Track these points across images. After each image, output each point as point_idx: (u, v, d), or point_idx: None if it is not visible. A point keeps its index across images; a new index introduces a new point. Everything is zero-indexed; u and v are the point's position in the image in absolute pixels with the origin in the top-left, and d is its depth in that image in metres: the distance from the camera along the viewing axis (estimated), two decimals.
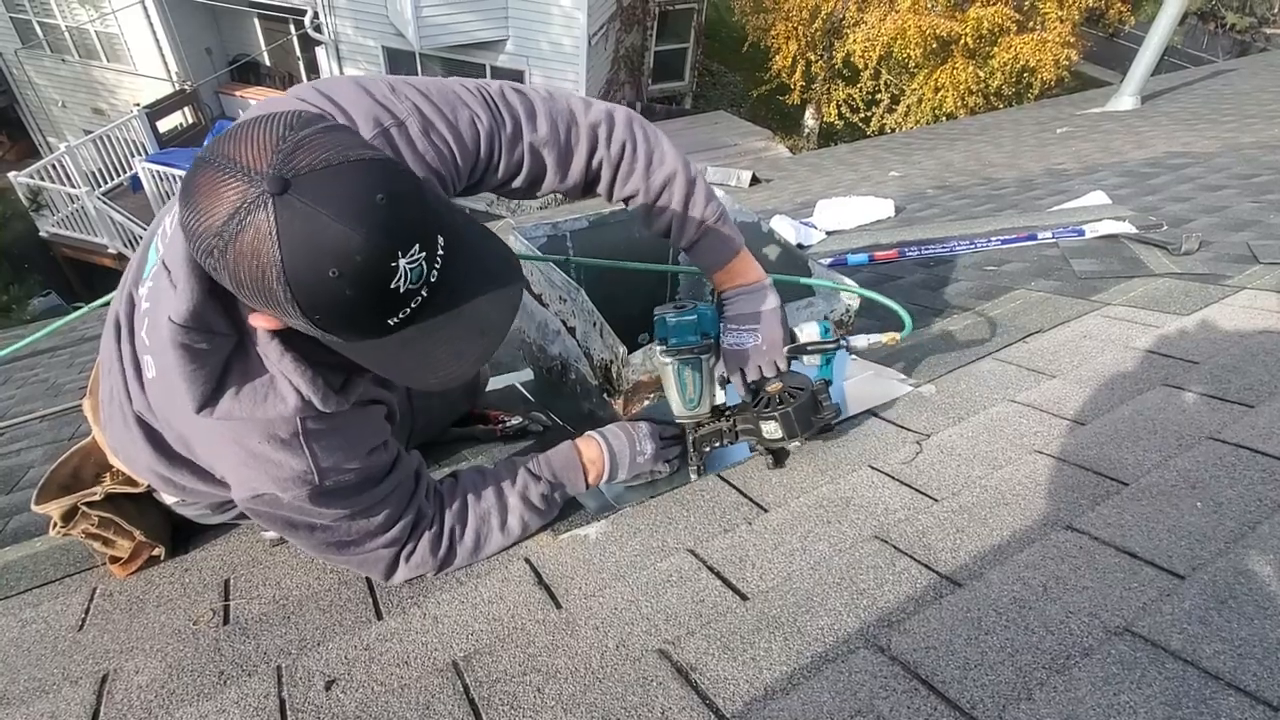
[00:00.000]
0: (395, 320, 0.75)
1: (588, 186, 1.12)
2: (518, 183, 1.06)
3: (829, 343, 1.24)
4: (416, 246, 0.71)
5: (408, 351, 0.79)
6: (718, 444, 1.26)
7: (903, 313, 1.35)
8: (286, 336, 0.87)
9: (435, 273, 0.74)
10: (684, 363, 1.19)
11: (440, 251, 0.74)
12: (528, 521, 1.15)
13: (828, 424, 1.20)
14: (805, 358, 1.25)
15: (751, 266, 1.20)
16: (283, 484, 0.91)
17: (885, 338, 1.29)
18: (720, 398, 1.26)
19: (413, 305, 0.74)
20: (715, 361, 1.24)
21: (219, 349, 0.85)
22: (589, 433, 1.24)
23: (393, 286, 0.71)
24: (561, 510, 1.23)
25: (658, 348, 1.21)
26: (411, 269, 0.71)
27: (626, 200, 1.15)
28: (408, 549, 1.07)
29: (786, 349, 1.22)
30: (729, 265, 1.18)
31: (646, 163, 1.09)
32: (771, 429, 1.17)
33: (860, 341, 1.27)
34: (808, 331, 1.25)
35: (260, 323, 0.82)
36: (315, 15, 10.81)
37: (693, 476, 1.27)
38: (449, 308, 0.78)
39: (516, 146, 1.00)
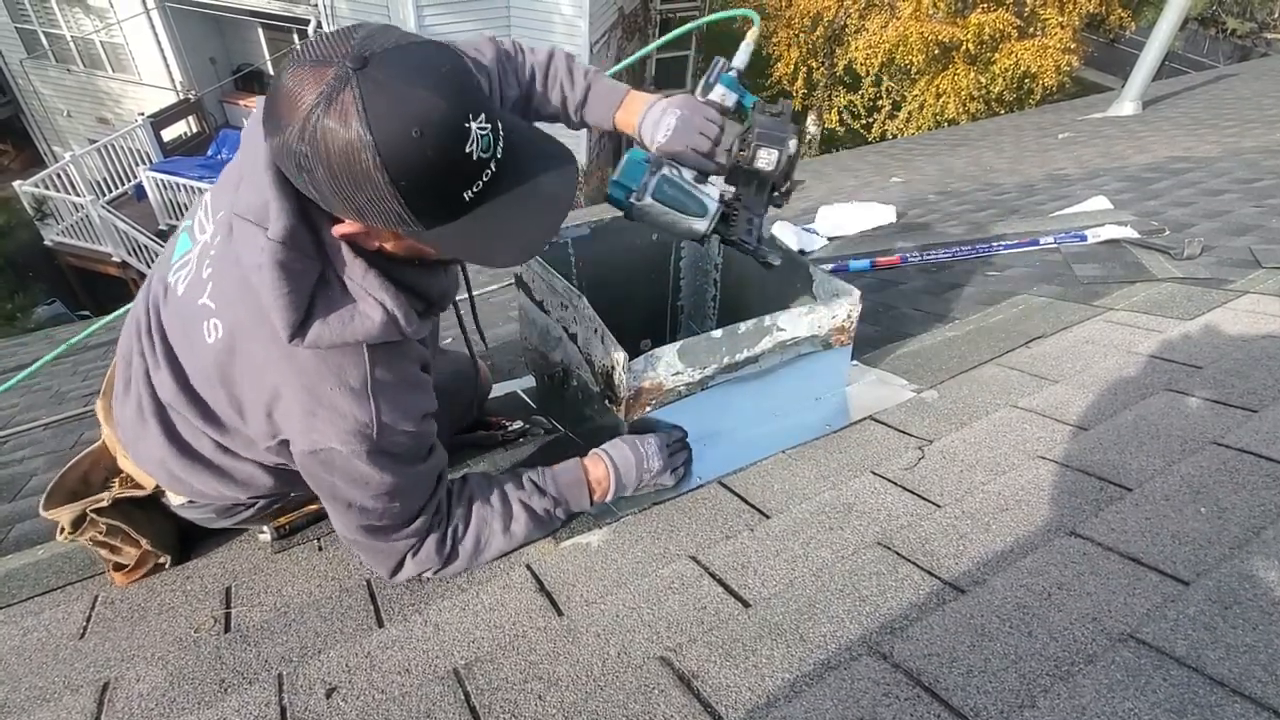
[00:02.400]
0: (471, 194, 0.81)
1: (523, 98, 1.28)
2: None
3: (728, 66, 1.28)
4: (483, 116, 0.79)
5: (484, 228, 0.85)
6: (753, 215, 1.28)
7: (749, 13, 1.47)
8: (370, 258, 0.92)
9: (500, 149, 0.82)
10: (659, 187, 1.22)
11: (501, 130, 0.82)
12: (529, 532, 1.16)
13: (795, 112, 1.28)
14: (719, 96, 1.27)
15: (643, 98, 1.30)
16: (344, 436, 0.94)
17: (749, 38, 1.36)
18: (714, 193, 1.25)
19: (484, 179, 0.82)
20: (680, 171, 1.24)
21: (309, 272, 0.89)
22: (596, 451, 1.24)
23: (467, 151, 0.78)
24: None
25: (635, 203, 1.22)
26: (481, 135, 0.79)
27: (527, 91, 1.28)
28: (417, 546, 1.08)
29: (704, 100, 1.27)
30: (624, 104, 1.28)
31: (531, 51, 1.28)
32: (765, 155, 1.20)
33: (742, 57, 1.31)
34: (718, 92, 1.28)
35: (345, 230, 0.88)
36: (318, 25, 10.85)
37: (771, 260, 1.32)
38: (517, 183, 0.86)
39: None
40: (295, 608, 1.11)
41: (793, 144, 1.21)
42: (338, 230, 0.88)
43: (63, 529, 1.15)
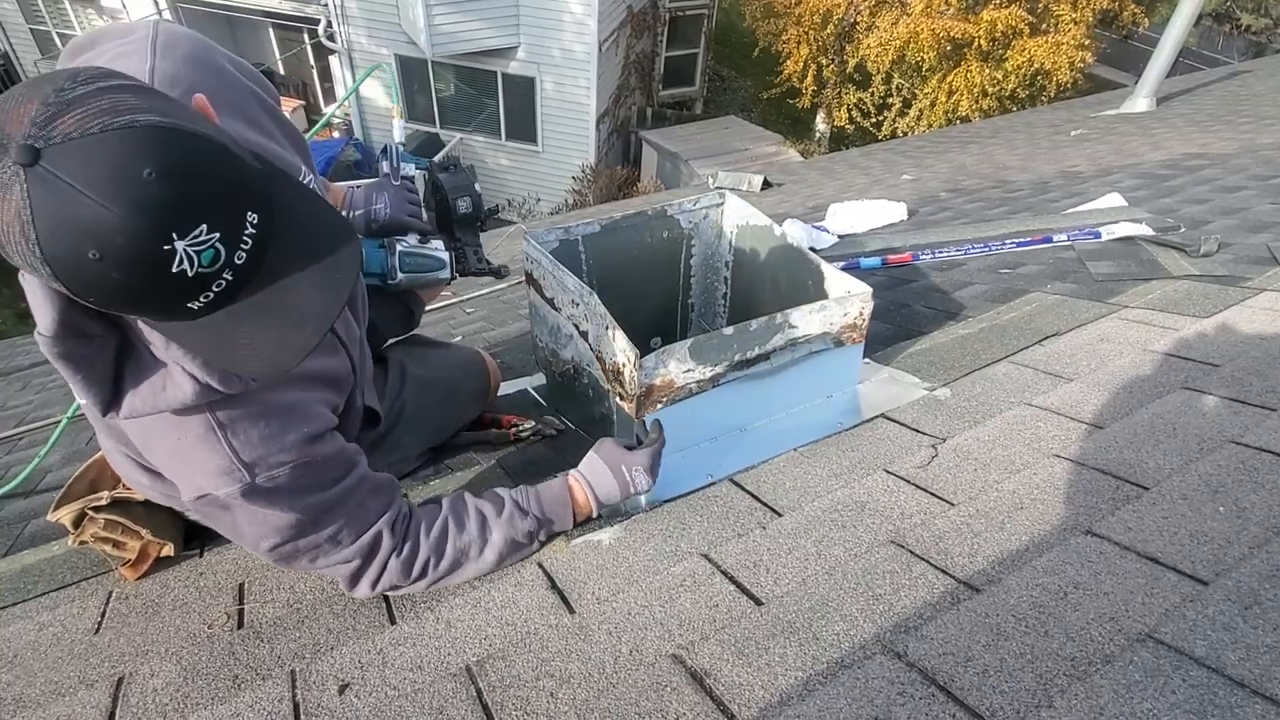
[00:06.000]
0: (198, 305, 0.70)
1: None
2: None
3: (398, 145, 1.51)
4: (204, 227, 0.65)
5: (219, 336, 0.75)
6: (475, 247, 1.51)
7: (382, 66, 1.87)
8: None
9: (243, 254, 0.69)
10: (403, 262, 1.39)
11: (250, 230, 0.69)
12: (506, 556, 1.12)
13: (469, 167, 1.61)
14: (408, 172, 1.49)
15: (339, 190, 1.41)
16: (214, 481, 0.88)
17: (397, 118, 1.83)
18: (440, 246, 1.45)
19: (216, 289, 0.69)
20: (407, 241, 1.41)
21: (102, 349, 0.81)
22: (575, 476, 1.19)
23: (175, 271, 0.65)
24: None
25: (393, 284, 1.40)
26: (198, 252, 0.65)
27: None
28: (371, 571, 1.05)
29: (400, 180, 1.44)
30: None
31: None
32: (463, 204, 1.45)
33: (399, 133, 1.64)
34: (406, 170, 1.48)
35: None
36: (329, 25, 10.91)
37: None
38: (265, 288, 0.74)
39: None
40: (308, 604, 1.12)
41: (476, 187, 1.50)
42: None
43: (70, 532, 1.17)
